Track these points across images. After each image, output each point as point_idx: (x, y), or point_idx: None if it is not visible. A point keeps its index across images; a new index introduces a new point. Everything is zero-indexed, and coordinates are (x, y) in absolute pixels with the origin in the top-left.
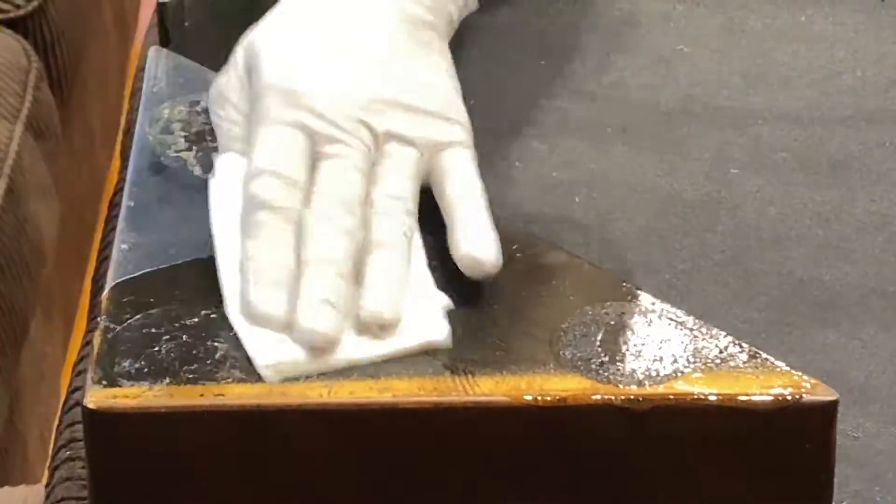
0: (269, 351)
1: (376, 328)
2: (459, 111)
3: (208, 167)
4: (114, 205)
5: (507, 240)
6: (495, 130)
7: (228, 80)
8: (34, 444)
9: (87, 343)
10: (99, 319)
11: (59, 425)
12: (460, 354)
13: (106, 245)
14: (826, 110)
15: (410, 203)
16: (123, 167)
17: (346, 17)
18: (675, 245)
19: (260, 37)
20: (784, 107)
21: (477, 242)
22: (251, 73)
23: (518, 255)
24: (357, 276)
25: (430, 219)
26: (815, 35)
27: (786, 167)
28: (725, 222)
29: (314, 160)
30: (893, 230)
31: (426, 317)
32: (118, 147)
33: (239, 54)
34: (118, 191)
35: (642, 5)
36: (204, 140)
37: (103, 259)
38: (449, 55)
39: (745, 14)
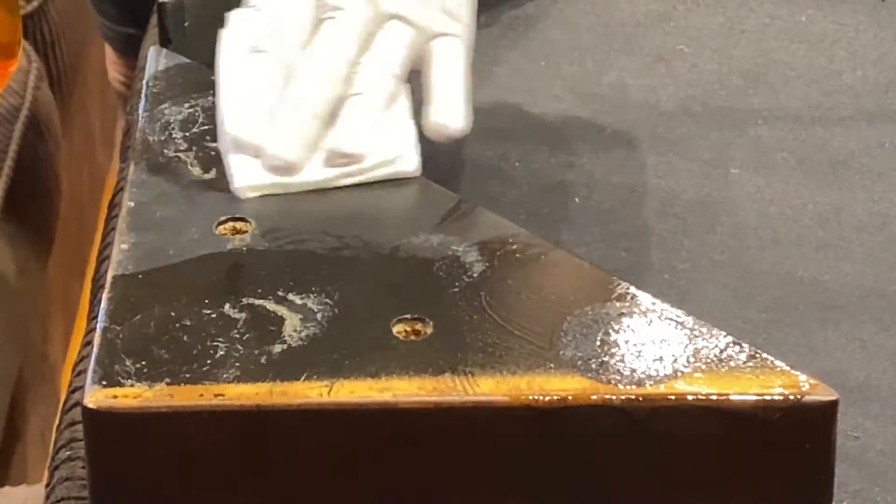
0: (245, 174)
1: (343, 160)
2: (468, 12)
3: (208, 167)
4: (113, 205)
5: (506, 240)
6: (495, 130)
7: None
8: (34, 444)
9: (88, 343)
10: (99, 319)
11: (59, 425)
12: (460, 354)
13: (106, 245)
14: (826, 110)
15: (397, 69)
16: (123, 167)
17: None
18: (674, 245)
19: None
20: (784, 107)
21: (445, 111)
22: None
23: (518, 254)
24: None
25: (424, 216)
26: (815, 35)
27: (786, 167)
28: (725, 222)
29: (318, 23)
30: (893, 230)
31: (396, 150)
32: (118, 147)
33: None
34: (118, 191)
35: (642, 5)
36: (203, 140)
37: (103, 259)
38: None
39: (745, 14)
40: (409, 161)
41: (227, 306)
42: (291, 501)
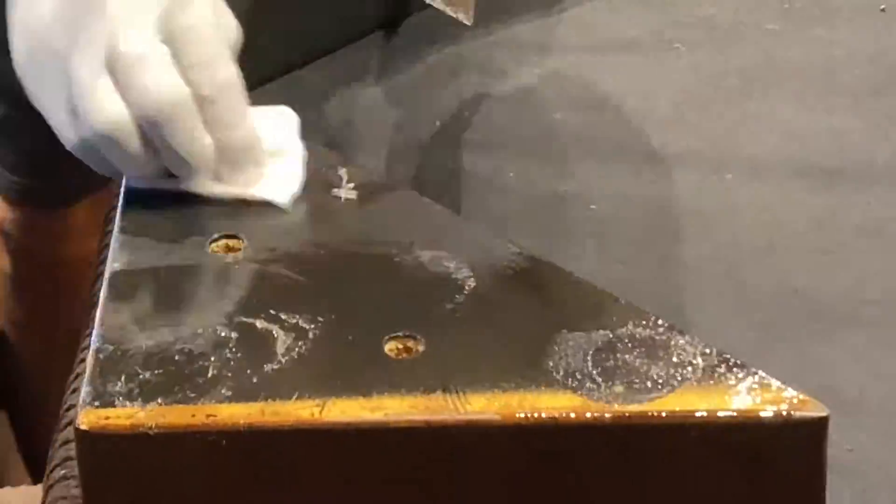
0: None
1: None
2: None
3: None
4: (108, 220)
5: (499, 256)
6: (490, 142)
7: None
8: None
9: (82, 360)
10: (92, 339)
11: (53, 443)
12: (452, 372)
13: (101, 261)
14: (823, 114)
15: None
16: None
17: None
18: (669, 255)
19: None
20: (780, 113)
21: None
22: None
23: (510, 271)
24: None
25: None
26: (814, 36)
27: (781, 174)
28: (721, 230)
29: None
30: (889, 238)
31: (277, 181)
32: None
33: None
34: (116, 195)
35: (637, 13)
36: None
37: (98, 274)
38: None
39: (745, 15)
40: (282, 194)
41: (219, 325)
42: None
